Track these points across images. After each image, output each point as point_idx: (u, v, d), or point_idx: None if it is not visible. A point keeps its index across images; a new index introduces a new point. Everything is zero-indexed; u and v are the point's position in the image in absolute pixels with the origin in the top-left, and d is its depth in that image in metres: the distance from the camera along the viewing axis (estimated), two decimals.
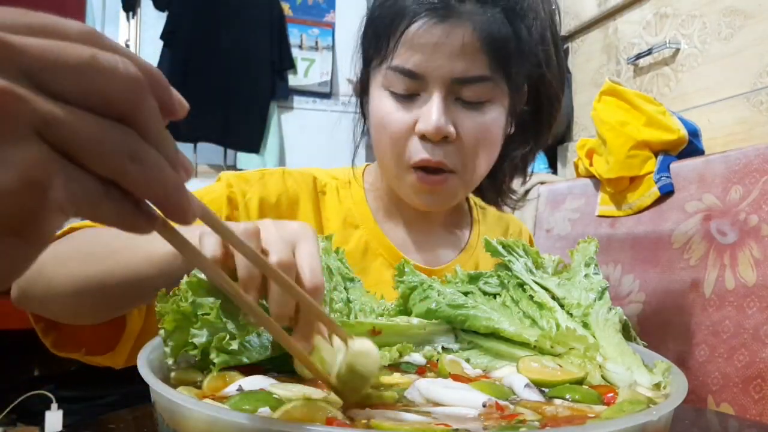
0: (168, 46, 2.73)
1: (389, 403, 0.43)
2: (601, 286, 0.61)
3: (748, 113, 1.32)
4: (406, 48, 0.74)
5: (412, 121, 0.76)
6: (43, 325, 0.69)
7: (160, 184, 0.27)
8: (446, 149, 0.76)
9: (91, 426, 0.60)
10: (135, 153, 0.26)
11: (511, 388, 0.49)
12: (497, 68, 0.74)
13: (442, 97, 0.74)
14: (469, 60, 0.73)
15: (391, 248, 0.85)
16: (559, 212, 1.47)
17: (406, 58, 0.74)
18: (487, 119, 0.77)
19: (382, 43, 0.77)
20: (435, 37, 0.73)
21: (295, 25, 3.04)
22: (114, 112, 0.25)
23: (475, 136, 0.76)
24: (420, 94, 0.76)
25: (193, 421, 0.35)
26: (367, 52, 0.82)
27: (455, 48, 0.72)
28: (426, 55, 0.73)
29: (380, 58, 0.78)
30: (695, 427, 0.67)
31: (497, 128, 0.79)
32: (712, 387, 1.04)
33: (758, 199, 1.01)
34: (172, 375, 0.47)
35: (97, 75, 0.24)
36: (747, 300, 1.00)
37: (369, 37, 0.81)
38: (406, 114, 0.76)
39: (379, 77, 0.79)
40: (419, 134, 0.76)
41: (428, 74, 0.74)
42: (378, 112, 0.79)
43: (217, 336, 0.46)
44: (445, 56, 0.73)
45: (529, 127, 0.86)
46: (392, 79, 0.76)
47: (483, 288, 0.64)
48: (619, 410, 0.42)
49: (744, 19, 1.35)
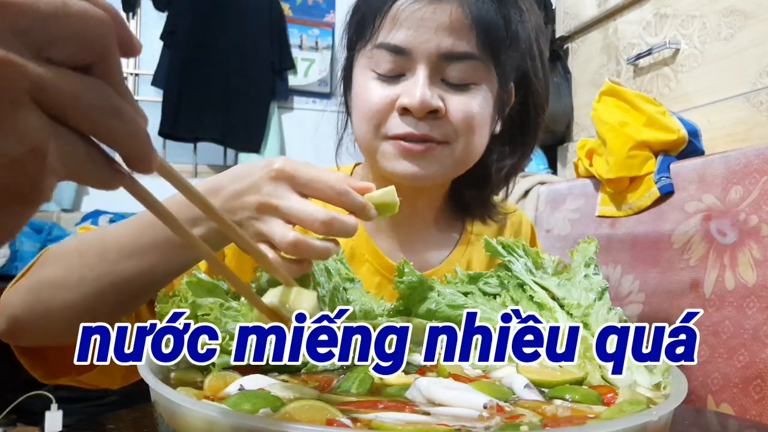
0: (168, 46, 2.73)
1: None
2: (601, 286, 0.61)
3: (748, 113, 1.32)
4: (392, 24, 0.73)
5: (395, 96, 0.73)
6: (28, 359, 0.66)
7: (135, 136, 0.28)
8: (433, 124, 0.73)
9: (91, 426, 0.60)
10: (115, 108, 0.26)
11: (511, 389, 0.49)
12: (485, 49, 0.73)
13: (427, 73, 0.72)
14: (456, 36, 0.72)
15: (378, 254, 0.83)
16: (559, 212, 1.48)
17: (392, 34, 0.73)
18: (474, 101, 0.74)
19: (367, 23, 0.75)
20: (422, 12, 0.71)
21: (295, 25, 3.04)
22: (90, 56, 0.26)
23: (463, 112, 0.73)
24: (405, 73, 0.74)
25: (193, 421, 0.35)
26: (353, 37, 0.80)
27: (442, 23, 0.71)
28: (412, 30, 0.72)
29: (365, 39, 0.76)
30: (695, 427, 0.67)
31: (485, 112, 0.76)
32: (712, 387, 1.04)
33: (758, 199, 1.01)
34: (172, 375, 0.47)
35: (72, 19, 0.24)
36: (747, 300, 1.00)
37: (355, 21, 0.79)
38: (389, 90, 0.74)
39: (363, 59, 0.77)
40: (400, 109, 0.73)
41: (414, 49, 0.72)
42: (360, 92, 0.77)
43: None
44: (432, 31, 0.71)
45: (516, 135, 0.84)
46: (377, 57, 0.74)
47: (483, 288, 0.64)
48: (619, 410, 0.42)
49: (744, 19, 1.35)
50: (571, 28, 1.99)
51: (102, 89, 0.26)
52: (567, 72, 2.03)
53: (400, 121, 0.73)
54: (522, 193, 1.69)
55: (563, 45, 2.07)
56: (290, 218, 0.50)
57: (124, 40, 0.28)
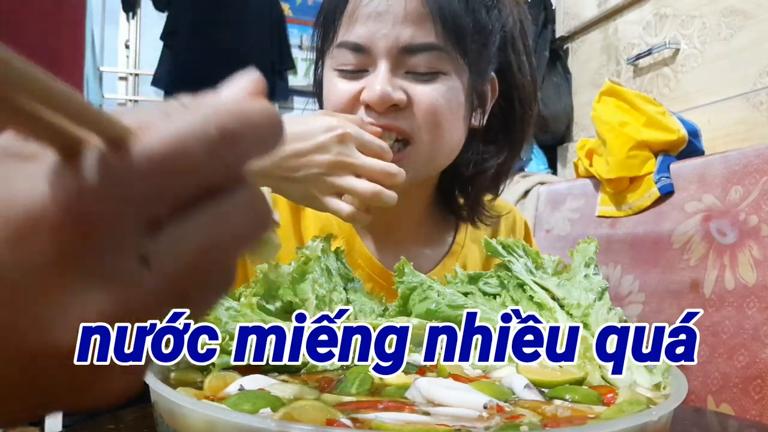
0: (168, 46, 2.74)
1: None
2: (601, 286, 0.61)
3: (748, 113, 1.32)
4: (350, 22, 0.72)
5: (357, 92, 0.72)
6: None
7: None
8: (398, 116, 0.71)
9: (91, 426, 0.60)
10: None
11: (511, 389, 0.49)
12: (448, 38, 0.71)
13: (388, 68, 0.71)
14: (415, 27, 0.70)
15: (371, 259, 0.82)
16: (559, 212, 1.48)
17: (351, 31, 0.72)
18: (442, 89, 0.72)
19: (329, 24, 0.75)
20: (377, 6, 0.70)
21: (295, 25, 3.04)
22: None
23: (428, 101, 0.72)
24: (368, 69, 0.73)
25: (194, 422, 0.35)
26: (318, 41, 0.80)
27: (398, 15, 0.70)
28: (369, 25, 0.71)
29: (329, 40, 0.76)
30: (695, 427, 0.67)
31: (454, 101, 0.74)
32: (712, 387, 1.04)
33: (758, 199, 1.01)
34: (172, 375, 0.47)
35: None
36: (747, 300, 1.00)
37: (320, 23, 0.79)
38: (351, 85, 0.73)
39: (329, 60, 0.76)
40: (363, 104, 0.72)
41: (373, 45, 0.71)
42: (327, 93, 0.76)
43: None
44: (390, 24, 0.70)
45: (501, 132, 0.83)
46: (339, 57, 0.73)
47: (483, 288, 0.64)
48: (619, 411, 0.42)
49: (744, 19, 1.35)
50: (571, 28, 1.99)
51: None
52: (567, 72, 2.03)
53: (366, 116, 0.71)
54: (522, 193, 1.69)
55: (563, 45, 2.07)
56: (363, 173, 0.61)
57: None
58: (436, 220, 0.88)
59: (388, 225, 0.83)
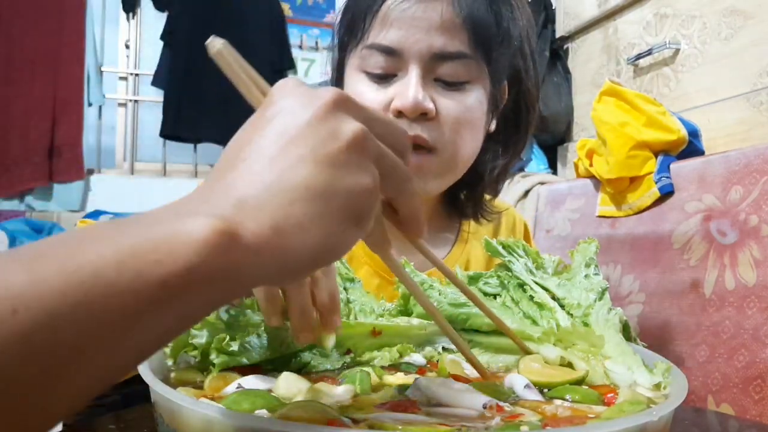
0: (168, 46, 2.73)
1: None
2: (601, 286, 0.61)
3: (748, 113, 1.32)
4: (383, 24, 0.72)
5: (388, 100, 0.72)
6: None
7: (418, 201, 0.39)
8: (424, 126, 0.72)
9: (91, 426, 0.60)
10: (412, 179, 0.38)
11: (511, 389, 0.49)
12: (477, 48, 0.72)
13: (419, 74, 0.72)
14: (448, 35, 0.71)
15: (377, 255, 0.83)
16: (559, 212, 1.47)
17: (383, 34, 0.72)
18: (468, 100, 0.74)
19: (358, 23, 0.75)
20: (412, 11, 0.71)
21: (295, 26, 3.04)
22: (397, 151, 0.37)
23: (455, 115, 0.73)
24: (397, 74, 0.73)
25: (194, 421, 0.35)
26: (343, 38, 0.79)
27: (434, 22, 0.71)
28: (403, 30, 0.71)
29: (356, 40, 0.75)
30: (695, 427, 0.67)
31: (479, 111, 0.76)
32: (712, 387, 1.04)
33: (758, 199, 1.01)
34: (172, 375, 0.47)
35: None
36: (747, 300, 1.00)
37: (345, 21, 0.78)
38: (381, 93, 0.73)
39: (354, 60, 0.76)
40: (395, 111, 0.72)
41: (406, 50, 0.72)
42: (352, 94, 0.77)
43: (217, 337, 0.46)
44: (423, 31, 0.71)
45: (511, 135, 0.84)
46: (368, 58, 0.74)
47: (483, 288, 0.64)
48: (619, 410, 0.42)
49: (744, 19, 1.35)
50: (571, 28, 1.99)
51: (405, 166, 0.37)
52: (567, 72, 2.03)
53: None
54: (522, 193, 1.69)
55: (563, 45, 2.07)
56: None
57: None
58: (441, 216, 0.90)
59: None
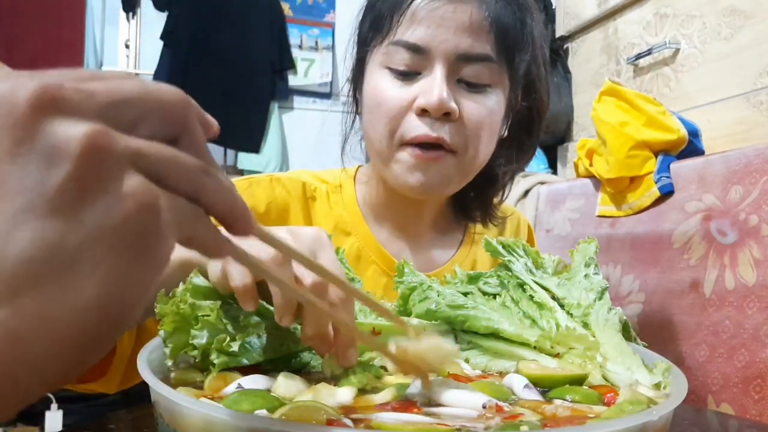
0: (168, 46, 2.73)
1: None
2: (601, 286, 0.61)
3: (748, 113, 1.32)
4: (411, 22, 0.73)
5: (411, 98, 0.73)
6: None
7: (232, 195, 0.29)
8: (446, 127, 0.73)
9: (91, 426, 0.60)
10: (205, 168, 0.27)
11: (510, 389, 0.49)
12: (501, 52, 0.73)
13: (444, 73, 0.72)
14: (474, 37, 0.72)
15: (385, 255, 0.83)
16: (559, 212, 1.47)
17: (411, 32, 0.73)
18: (489, 103, 0.75)
19: (384, 21, 0.75)
20: (441, 11, 0.72)
21: (295, 25, 3.04)
22: (174, 129, 0.27)
23: (477, 118, 0.74)
24: (421, 72, 0.74)
25: (194, 421, 0.35)
26: (366, 34, 0.80)
27: (462, 23, 0.72)
28: (431, 28, 0.72)
29: (381, 36, 0.76)
30: (695, 427, 0.67)
31: (498, 116, 0.77)
32: (712, 387, 1.04)
33: (758, 199, 1.01)
34: (172, 375, 0.47)
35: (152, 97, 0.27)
36: (747, 300, 1.00)
37: (370, 17, 0.79)
38: (405, 91, 0.74)
39: (378, 56, 0.77)
40: (418, 110, 0.73)
41: (432, 48, 0.72)
42: (374, 90, 0.76)
43: (217, 337, 0.46)
44: (451, 31, 0.72)
45: (523, 140, 0.85)
46: (394, 55, 0.74)
47: (483, 288, 0.64)
48: (619, 410, 0.42)
49: (744, 19, 1.35)
50: (571, 28, 1.99)
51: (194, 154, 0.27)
52: (567, 72, 2.03)
53: (418, 122, 0.73)
54: (522, 193, 1.69)
55: (563, 45, 2.06)
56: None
57: (200, 118, 0.29)
58: (448, 218, 0.90)
59: (403, 221, 0.85)
